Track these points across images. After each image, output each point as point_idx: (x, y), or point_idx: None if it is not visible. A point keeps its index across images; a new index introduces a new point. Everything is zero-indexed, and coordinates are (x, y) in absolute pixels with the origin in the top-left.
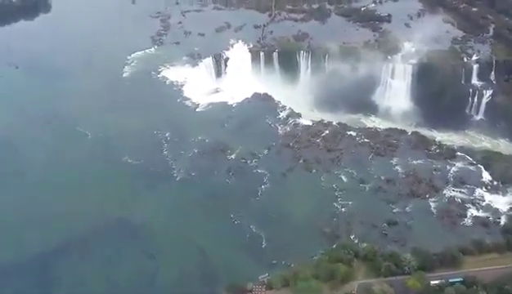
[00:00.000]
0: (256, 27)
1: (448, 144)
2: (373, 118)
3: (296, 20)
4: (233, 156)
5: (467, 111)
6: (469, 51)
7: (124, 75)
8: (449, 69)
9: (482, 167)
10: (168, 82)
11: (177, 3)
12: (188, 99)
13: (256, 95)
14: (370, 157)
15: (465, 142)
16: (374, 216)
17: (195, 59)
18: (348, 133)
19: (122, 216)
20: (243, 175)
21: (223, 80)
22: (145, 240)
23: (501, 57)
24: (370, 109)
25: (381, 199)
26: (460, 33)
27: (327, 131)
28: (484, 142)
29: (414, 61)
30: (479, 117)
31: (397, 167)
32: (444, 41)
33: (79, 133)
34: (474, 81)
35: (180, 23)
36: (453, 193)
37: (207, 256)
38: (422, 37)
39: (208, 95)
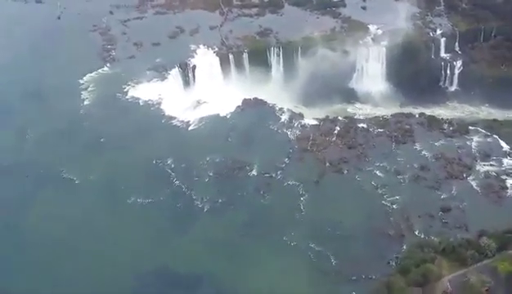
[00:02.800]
0: (212, 28)
1: (450, 118)
2: (358, 105)
3: (251, 16)
4: (254, 172)
5: (441, 84)
6: (432, 26)
7: (86, 103)
8: (420, 46)
9: (497, 137)
10: (141, 103)
11: (111, 13)
12: (174, 118)
13: (246, 102)
14: (393, 146)
15: (456, 114)
16: (426, 206)
17: (160, 72)
18: (360, 126)
19: (159, 268)
20: (275, 192)
21: (195, 90)
22: (195, 289)
23: (462, 28)
24: (353, 96)
25: (424, 187)
26: (415, 10)
27: (338, 128)
28: (466, 111)
29: (385, 43)
30: (454, 87)
31: (423, 152)
32: (404, 19)
33: (68, 181)
34: (443, 54)
35: (125, 34)
36: (485, 168)
37: None
38: (383, 19)
39: (192, 109)
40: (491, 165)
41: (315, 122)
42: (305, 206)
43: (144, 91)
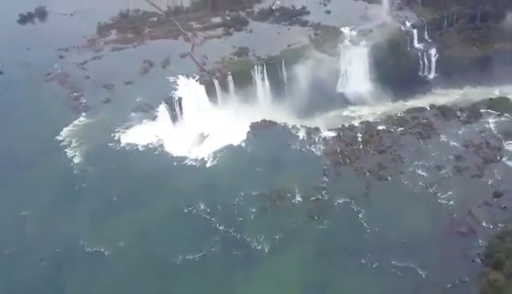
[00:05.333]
0: (183, 56)
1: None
2: (352, 107)
3: (219, 37)
4: (298, 198)
5: (420, 74)
6: (401, 20)
7: (76, 161)
8: (395, 40)
9: (508, 115)
10: (141, 149)
11: (62, 57)
12: (184, 158)
13: (255, 126)
14: (421, 143)
15: (451, 99)
16: (479, 195)
17: (147, 111)
18: (380, 128)
19: None
20: (329, 214)
21: (189, 124)
22: None
23: (428, 17)
24: (344, 100)
25: (469, 177)
26: (377, 7)
27: (359, 134)
28: (455, 95)
29: (364, 43)
30: (432, 75)
31: (452, 143)
32: (371, 17)
33: (95, 255)
34: (417, 45)
35: (88, 77)
36: None
37: None
38: (351, 20)
39: (199, 144)
40: None
41: (334, 134)
42: (366, 222)
43: (137, 135)
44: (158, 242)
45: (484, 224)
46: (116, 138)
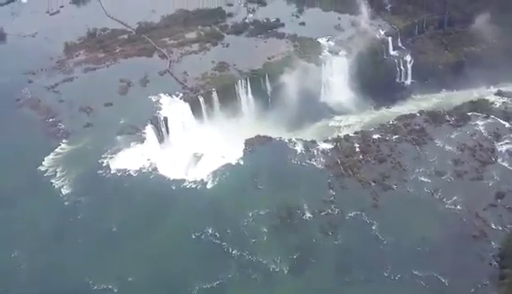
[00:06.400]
0: (161, 73)
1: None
2: (337, 117)
3: (196, 53)
4: (308, 214)
5: (398, 80)
6: (374, 28)
7: (65, 192)
8: (373, 48)
9: (493, 116)
10: (134, 174)
11: (31, 81)
12: (182, 180)
13: (250, 142)
14: (418, 149)
15: (432, 104)
16: (483, 197)
17: (133, 133)
18: (375, 137)
19: None
20: (343, 228)
21: (178, 144)
22: None
23: (400, 25)
24: (328, 110)
25: (470, 180)
26: (347, 16)
27: (356, 145)
28: (435, 99)
29: (343, 52)
30: (409, 81)
31: (447, 147)
32: (346, 26)
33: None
34: (392, 52)
35: (62, 101)
36: (505, 147)
37: None
38: (326, 30)
39: (194, 165)
40: (506, 143)
41: (331, 146)
42: (381, 233)
43: (127, 159)
44: (170, 273)
45: (493, 226)
46: (105, 164)
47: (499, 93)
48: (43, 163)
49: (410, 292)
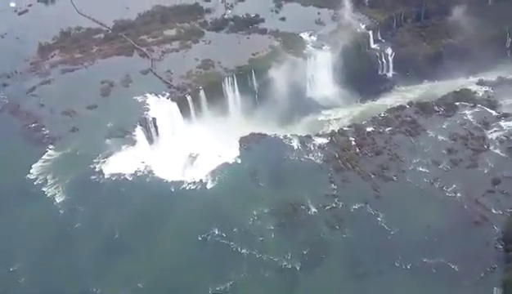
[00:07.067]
0: (144, 73)
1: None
2: (325, 111)
3: (177, 51)
4: (313, 209)
5: (380, 73)
6: (355, 22)
7: (59, 200)
8: (355, 42)
9: (480, 105)
10: (130, 178)
11: (6, 85)
12: (181, 182)
13: (245, 139)
14: (412, 140)
15: (417, 94)
16: (480, 184)
17: (123, 136)
18: (369, 130)
19: None
20: (349, 222)
21: (168, 144)
22: None
23: (380, 19)
24: (315, 105)
25: (466, 168)
26: (326, 11)
27: (351, 138)
28: (418, 90)
29: (327, 47)
30: (390, 73)
31: (440, 137)
32: (326, 21)
33: None
34: (373, 45)
35: (42, 105)
36: (495, 135)
37: None
38: (307, 25)
39: (191, 166)
40: (495, 131)
41: (327, 140)
42: (387, 224)
43: (120, 163)
44: (180, 277)
45: (493, 210)
46: (97, 169)
47: (480, 82)
48: (31, 171)
49: (423, 280)
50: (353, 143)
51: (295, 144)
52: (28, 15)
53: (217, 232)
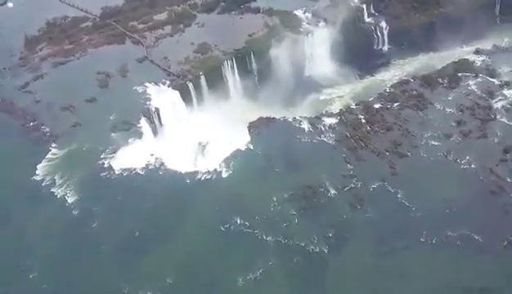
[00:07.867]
0: (140, 61)
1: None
2: (326, 90)
3: (171, 36)
4: (332, 190)
5: (375, 47)
6: None
7: (70, 200)
8: (349, 17)
9: (482, 75)
10: (142, 172)
11: None
12: (196, 173)
13: (254, 125)
14: (421, 114)
15: (414, 67)
16: (492, 154)
17: (128, 129)
18: (377, 106)
19: None
20: (370, 201)
21: (173, 135)
22: None
23: None
24: (315, 83)
25: (476, 139)
26: None
27: (361, 116)
28: (416, 63)
29: (323, 23)
30: (386, 47)
31: (447, 110)
32: None
33: None
34: (367, 19)
35: (38, 102)
36: (500, 104)
37: None
38: (300, 2)
39: (202, 155)
40: (500, 100)
41: (336, 120)
42: (407, 200)
43: (129, 157)
44: (208, 269)
45: (508, 179)
46: (106, 165)
47: (477, 52)
48: (37, 172)
49: (449, 253)
50: (363, 121)
51: (305, 126)
52: (7, 5)
53: (239, 221)
